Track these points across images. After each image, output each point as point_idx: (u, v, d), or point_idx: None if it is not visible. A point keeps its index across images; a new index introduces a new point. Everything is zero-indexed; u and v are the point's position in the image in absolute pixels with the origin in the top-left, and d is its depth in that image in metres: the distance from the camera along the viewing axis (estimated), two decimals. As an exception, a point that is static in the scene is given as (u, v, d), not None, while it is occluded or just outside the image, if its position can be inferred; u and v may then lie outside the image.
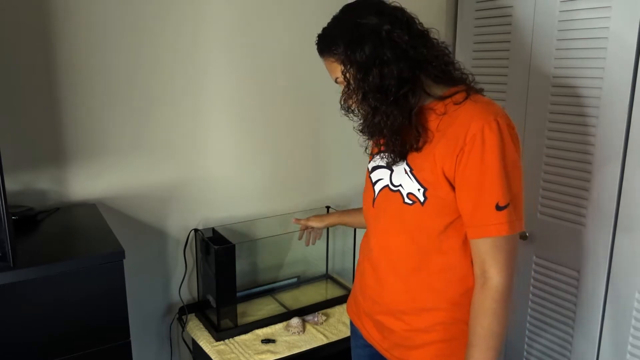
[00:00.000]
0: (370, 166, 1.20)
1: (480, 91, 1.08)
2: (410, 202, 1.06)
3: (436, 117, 1.04)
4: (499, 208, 0.97)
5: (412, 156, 1.07)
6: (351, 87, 1.05)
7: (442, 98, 1.05)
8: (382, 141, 1.12)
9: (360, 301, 1.27)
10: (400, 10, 1.05)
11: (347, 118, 1.18)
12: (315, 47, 1.11)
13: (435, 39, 1.07)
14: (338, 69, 1.06)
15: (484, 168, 0.96)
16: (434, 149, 1.03)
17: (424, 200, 1.04)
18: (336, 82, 1.11)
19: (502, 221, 0.97)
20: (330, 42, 1.06)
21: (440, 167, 1.01)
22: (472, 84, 1.09)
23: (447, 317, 1.10)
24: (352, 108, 1.11)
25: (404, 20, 1.03)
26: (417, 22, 1.06)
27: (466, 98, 1.02)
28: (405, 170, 1.07)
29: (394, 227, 1.11)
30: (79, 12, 1.51)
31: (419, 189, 1.04)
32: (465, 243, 1.06)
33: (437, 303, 1.10)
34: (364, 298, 1.24)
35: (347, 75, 1.04)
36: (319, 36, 1.10)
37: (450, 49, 1.20)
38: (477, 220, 1.00)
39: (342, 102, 1.11)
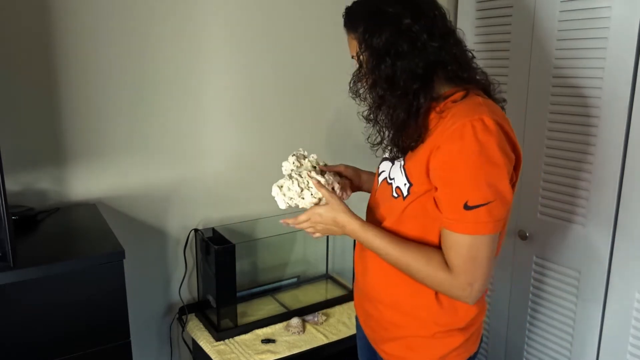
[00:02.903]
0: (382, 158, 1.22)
1: (491, 92, 1.08)
2: (395, 195, 1.07)
3: (435, 116, 1.03)
4: (467, 207, 0.94)
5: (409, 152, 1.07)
6: (362, 71, 1.04)
7: (444, 97, 1.03)
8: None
9: (356, 288, 1.30)
10: (428, 4, 1.01)
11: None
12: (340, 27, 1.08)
13: (460, 39, 1.05)
14: (356, 47, 1.05)
15: (457, 165, 0.94)
16: (424, 145, 1.02)
17: (406, 196, 1.05)
18: (352, 58, 1.09)
19: (468, 220, 0.95)
20: (352, 18, 1.05)
21: (424, 163, 1.00)
22: (489, 86, 1.08)
23: (422, 312, 1.10)
24: (360, 92, 1.09)
25: (430, 15, 1.00)
26: (447, 19, 1.03)
27: (463, 97, 1.00)
28: (401, 164, 1.08)
29: (383, 219, 1.13)
30: (79, 12, 1.51)
31: (405, 184, 1.05)
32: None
33: (411, 299, 1.10)
34: (357, 286, 1.28)
35: (361, 57, 1.03)
36: (347, 9, 1.08)
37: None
38: (446, 213, 0.98)
39: (352, 84, 1.08)
